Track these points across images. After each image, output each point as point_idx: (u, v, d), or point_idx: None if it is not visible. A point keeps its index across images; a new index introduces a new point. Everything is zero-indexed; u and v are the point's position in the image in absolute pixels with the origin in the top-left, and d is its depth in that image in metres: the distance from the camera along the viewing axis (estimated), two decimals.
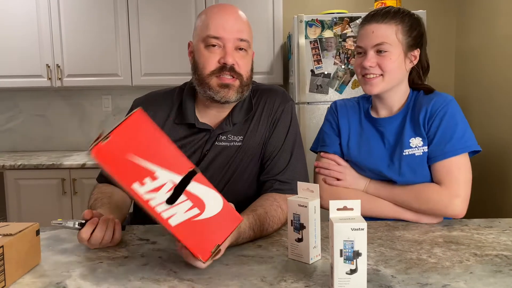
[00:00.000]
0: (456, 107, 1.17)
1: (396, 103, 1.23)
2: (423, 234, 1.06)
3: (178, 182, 0.75)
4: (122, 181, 0.72)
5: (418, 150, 1.17)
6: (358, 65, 1.20)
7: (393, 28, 1.15)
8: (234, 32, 1.09)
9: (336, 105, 1.34)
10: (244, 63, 1.12)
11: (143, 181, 0.72)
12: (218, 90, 1.10)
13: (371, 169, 1.23)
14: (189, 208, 0.76)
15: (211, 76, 1.10)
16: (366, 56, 1.17)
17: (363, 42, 1.18)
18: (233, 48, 1.10)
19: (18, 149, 3.28)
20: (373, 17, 1.18)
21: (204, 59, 1.10)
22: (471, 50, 2.99)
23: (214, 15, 1.11)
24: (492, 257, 0.90)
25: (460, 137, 1.14)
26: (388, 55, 1.15)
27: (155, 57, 2.91)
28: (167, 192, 0.74)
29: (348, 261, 0.75)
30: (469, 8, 3.02)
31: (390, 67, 1.15)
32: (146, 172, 0.73)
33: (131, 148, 0.72)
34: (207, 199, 0.78)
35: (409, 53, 1.18)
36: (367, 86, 1.19)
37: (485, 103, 2.76)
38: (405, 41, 1.16)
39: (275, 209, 1.08)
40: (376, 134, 1.24)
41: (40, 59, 2.88)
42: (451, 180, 1.13)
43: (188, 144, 1.18)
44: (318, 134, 1.36)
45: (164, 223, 0.75)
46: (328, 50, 2.53)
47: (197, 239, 0.77)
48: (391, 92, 1.21)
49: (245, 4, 2.84)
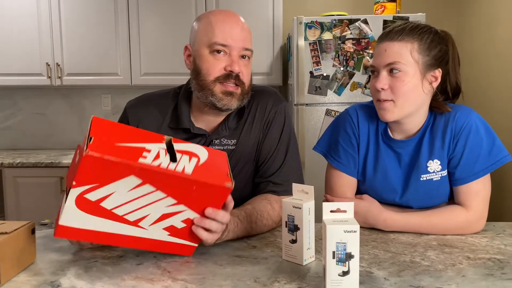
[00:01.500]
0: (478, 120, 1.11)
1: (415, 129, 1.14)
2: (417, 237, 1.07)
3: (166, 146, 0.83)
4: (129, 162, 0.76)
5: (436, 175, 1.12)
6: (373, 87, 1.11)
7: (408, 46, 1.06)
8: (240, 41, 1.09)
9: (358, 117, 1.20)
10: (247, 72, 1.12)
11: (142, 155, 0.78)
12: (222, 97, 1.09)
13: (383, 196, 1.17)
14: (189, 159, 0.84)
15: (215, 82, 1.09)
16: (378, 77, 1.09)
17: (375, 61, 1.10)
18: (238, 56, 1.10)
19: (17, 147, 3.28)
20: (388, 34, 1.09)
21: (208, 65, 1.09)
22: (470, 54, 3.00)
23: (220, 22, 1.10)
24: (485, 261, 0.91)
25: (486, 155, 1.09)
26: (401, 76, 1.05)
27: (155, 57, 2.91)
28: (166, 155, 0.81)
29: (341, 263, 0.75)
30: (469, 12, 3.03)
31: (402, 91, 1.06)
32: (139, 149, 0.79)
33: (114, 138, 0.79)
34: (194, 149, 0.87)
35: (428, 74, 1.08)
36: (380, 112, 1.10)
37: (484, 106, 2.77)
38: (423, 61, 1.06)
39: (264, 205, 1.09)
40: (393, 155, 1.16)
41: (40, 57, 2.89)
42: (478, 203, 1.09)
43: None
44: (330, 139, 1.24)
45: (183, 175, 0.81)
46: (327, 52, 2.53)
47: (213, 175, 0.85)
48: (410, 118, 1.11)
49: (245, 5, 2.85)
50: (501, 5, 2.62)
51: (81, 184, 0.77)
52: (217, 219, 0.88)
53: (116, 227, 0.84)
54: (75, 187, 0.77)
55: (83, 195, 0.78)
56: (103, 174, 0.76)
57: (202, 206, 0.87)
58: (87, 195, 0.78)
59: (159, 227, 0.87)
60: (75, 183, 0.76)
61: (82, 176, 0.76)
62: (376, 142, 1.18)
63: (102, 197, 0.79)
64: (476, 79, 2.90)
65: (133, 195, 0.81)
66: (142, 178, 0.79)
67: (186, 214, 0.87)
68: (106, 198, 0.80)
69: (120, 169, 0.76)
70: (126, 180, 0.78)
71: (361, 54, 2.53)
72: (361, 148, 1.20)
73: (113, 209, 0.81)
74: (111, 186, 0.78)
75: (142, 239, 0.87)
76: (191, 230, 0.89)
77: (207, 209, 0.87)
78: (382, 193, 1.18)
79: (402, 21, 2.49)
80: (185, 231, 0.89)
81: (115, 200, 0.80)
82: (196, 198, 0.85)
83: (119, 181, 0.78)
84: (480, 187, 1.10)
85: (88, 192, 0.78)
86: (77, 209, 0.79)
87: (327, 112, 2.57)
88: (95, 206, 0.80)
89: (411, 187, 1.14)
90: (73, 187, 0.77)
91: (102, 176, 0.77)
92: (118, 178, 0.77)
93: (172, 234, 0.89)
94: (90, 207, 0.80)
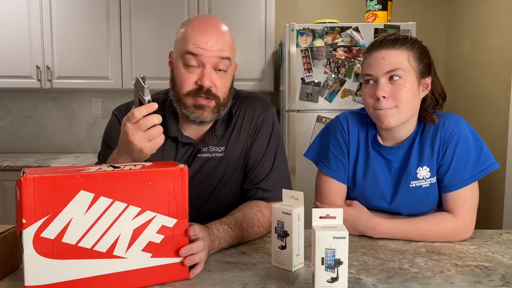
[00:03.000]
0: (467, 128, 1.12)
1: (405, 136, 1.15)
2: (406, 244, 1.07)
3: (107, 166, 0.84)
4: (71, 174, 0.74)
5: (426, 181, 1.13)
6: (370, 96, 1.10)
7: (405, 54, 1.08)
8: (214, 51, 1.05)
9: (348, 124, 1.21)
10: (222, 84, 1.09)
11: (83, 170, 0.77)
12: (193, 111, 1.08)
13: (373, 202, 1.18)
14: (134, 166, 0.84)
15: (187, 96, 1.08)
16: (377, 85, 1.08)
17: (373, 70, 1.09)
18: (211, 68, 1.06)
19: (6, 150, 3.24)
20: (382, 43, 1.10)
21: (181, 78, 1.08)
22: (460, 62, 3.04)
23: (195, 32, 1.06)
24: (473, 268, 0.91)
25: (474, 163, 1.10)
26: (402, 83, 1.06)
27: (146, 61, 2.90)
28: (108, 167, 0.81)
29: (330, 269, 0.75)
30: (458, 21, 3.07)
31: (404, 97, 1.06)
32: (78, 169, 0.79)
33: (48, 171, 0.76)
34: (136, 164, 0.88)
35: (422, 81, 1.11)
36: (382, 120, 1.08)
37: (473, 114, 2.80)
38: (418, 68, 1.09)
39: (254, 212, 1.09)
40: (383, 162, 1.17)
41: (30, 60, 2.86)
42: (467, 210, 1.10)
43: (173, 159, 1.17)
44: (320, 146, 1.25)
45: (132, 171, 0.80)
46: (319, 59, 2.55)
47: (163, 165, 0.85)
48: (403, 125, 1.12)
49: (238, 11, 2.86)
50: (490, 14, 2.67)
51: (32, 221, 0.71)
52: (194, 252, 0.84)
53: (91, 267, 0.76)
54: (27, 226, 0.71)
55: (39, 235, 0.71)
56: (50, 198, 0.72)
57: (168, 206, 0.82)
58: (44, 234, 0.72)
59: (137, 250, 0.79)
60: (25, 221, 0.70)
61: (30, 209, 0.70)
62: (366, 148, 1.19)
63: (61, 230, 0.73)
64: (464, 87, 2.94)
65: (92, 217, 0.75)
66: (92, 190, 0.74)
67: (157, 222, 0.81)
68: (66, 230, 0.73)
69: (65, 186, 0.72)
70: (77, 200, 0.74)
71: (352, 61, 2.55)
72: (351, 155, 1.20)
73: (78, 242, 0.74)
74: (65, 213, 0.73)
75: (127, 275, 0.79)
76: (173, 241, 0.83)
77: (181, 250, 0.82)
78: (372, 200, 1.18)
79: (393, 29, 2.53)
80: (167, 244, 0.82)
81: (76, 229, 0.74)
82: (157, 197, 0.80)
83: (71, 203, 0.73)
84: (468, 194, 1.11)
85: (43, 229, 0.72)
86: (39, 257, 0.72)
87: (318, 119, 2.58)
88: (58, 246, 0.73)
89: (401, 193, 1.15)
90: (24, 228, 0.70)
91: (50, 202, 0.72)
92: (68, 199, 0.73)
93: (155, 255, 0.81)
94: (53, 248, 0.73)
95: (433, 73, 1.15)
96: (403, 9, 3.16)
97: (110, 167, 0.81)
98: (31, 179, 0.71)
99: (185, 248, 0.83)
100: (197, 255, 0.85)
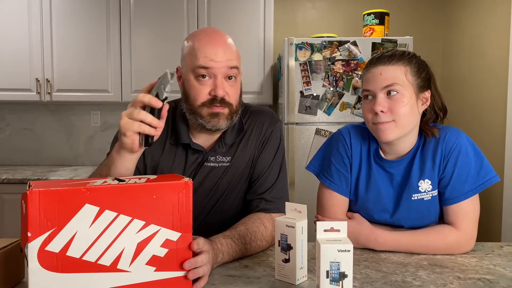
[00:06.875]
0: (467, 141, 1.14)
1: (406, 149, 1.16)
2: (408, 256, 1.07)
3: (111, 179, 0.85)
4: (77, 188, 0.75)
5: (427, 194, 1.14)
6: (369, 111, 1.12)
7: (402, 69, 1.10)
8: (224, 62, 1.09)
9: (350, 138, 1.22)
10: (233, 92, 1.12)
11: (89, 183, 0.78)
12: (209, 120, 1.11)
13: (375, 216, 1.18)
14: (139, 179, 0.85)
15: (202, 107, 1.11)
16: (375, 100, 1.10)
17: (371, 85, 1.11)
18: (222, 78, 1.10)
19: (4, 163, 3.23)
20: (379, 59, 1.12)
21: (195, 91, 1.11)
22: (456, 77, 3.07)
23: (203, 46, 1.09)
24: (475, 281, 0.91)
25: (475, 175, 1.11)
26: (399, 97, 1.08)
27: (146, 74, 2.92)
28: (113, 181, 0.82)
29: (334, 283, 0.75)
30: (455, 35, 3.12)
31: (402, 111, 1.08)
32: (83, 182, 0.80)
33: (53, 185, 0.76)
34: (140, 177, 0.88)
35: (421, 95, 1.12)
36: (381, 133, 1.11)
37: (469, 128, 2.83)
38: (415, 82, 1.10)
39: (257, 225, 1.09)
40: (385, 175, 1.18)
41: (30, 73, 2.87)
42: (468, 222, 1.10)
43: (183, 165, 1.18)
44: (322, 159, 1.26)
45: (137, 185, 0.80)
46: (317, 72, 2.57)
47: (168, 178, 0.86)
48: (403, 139, 1.14)
49: (237, 25, 2.89)
50: (486, 28, 2.71)
51: (37, 234, 0.71)
52: (198, 266, 0.84)
53: (95, 280, 0.76)
54: (32, 239, 0.71)
55: (44, 249, 0.72)
56: (55, 212, 0.72)
57: (172, 219, 0.81)
58: (48, 247, 0.72)
59: (141, 263, 0.79)
60: (31, 234, 0.71)
61: (35, 222, 0.71)
62: (368, 162, 1.20)
63: (66, 243, 0.73)
64: (462, 101, 2.97)
65: (97, 230, 0.75)
66: (97, 203, 0.75)
67: (161, 236, 0.81)
68: (70, 243, 0.73)
69: (70, 199, 0.73)
70: (82, 213, 0.74)
71: (350, 75, 2.57)
72: (354, 168, 1.21)
73: (83, 255, 0.75)
74: (70, 226, 0.73)
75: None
76: (177, 254, 0.83)
77: (185, 264, 0.82)
78: (374, 213, 1.19)
79: (390, 43, 2.56)
80: (171, 258, 0.82)
81: (81, 242, 0.74)
82: (162, 210, 0.80)
83: (76, 217, 0.74)
84: (470, 207, 1.11)
85: (48, 243, 0.72)
86: (43, 270, 0.72)
87: (317, 132, 2.60)
88: (62, 259, 0.73)
89: (403, 206, 1.16)
90: (29, 241, 0.71)
91: (55, 216, 0.72)
92: (73, 212, 0.73)
93: (159, 269, 0.81)
94: (57, 262, 0.73)
95: (433, 87, 1.17)
96: (400, 23, 3.21)
97: (115, 180, 0.82)
98: (37, 192, 0.71)
99: (189, 261, 0.83)
100: (201, 268, 0.85)
